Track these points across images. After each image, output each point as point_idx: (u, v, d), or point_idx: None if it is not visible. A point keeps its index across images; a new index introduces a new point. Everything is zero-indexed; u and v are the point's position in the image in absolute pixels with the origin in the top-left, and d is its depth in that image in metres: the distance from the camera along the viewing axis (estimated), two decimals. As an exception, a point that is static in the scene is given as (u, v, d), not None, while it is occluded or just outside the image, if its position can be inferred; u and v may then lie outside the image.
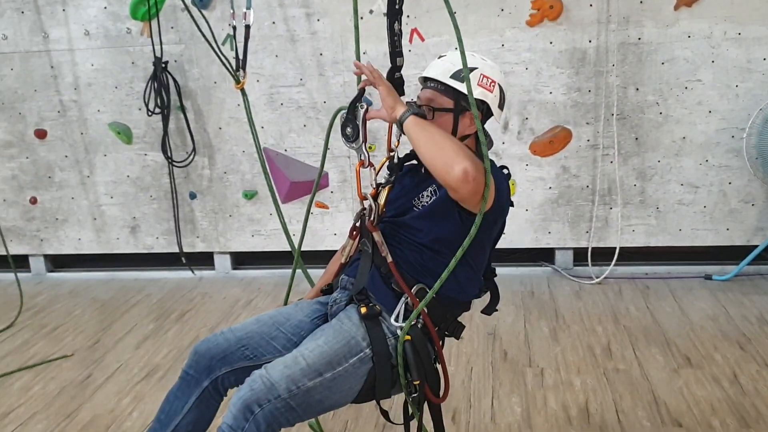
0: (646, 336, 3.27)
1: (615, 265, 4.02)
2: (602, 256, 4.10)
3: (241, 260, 4.65)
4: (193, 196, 4.42)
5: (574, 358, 3.09)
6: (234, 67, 3.29)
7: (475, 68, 1.87)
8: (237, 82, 3.24)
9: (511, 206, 1.92)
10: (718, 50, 3.76)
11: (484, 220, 1.64)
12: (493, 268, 2.06)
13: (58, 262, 4.82)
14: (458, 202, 1.74)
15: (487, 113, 1.93)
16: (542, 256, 4.29)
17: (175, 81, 4.19)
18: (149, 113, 4.20)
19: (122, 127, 4.36)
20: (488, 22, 3.88)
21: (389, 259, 1.82)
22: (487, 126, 1.97)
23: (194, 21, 3.42)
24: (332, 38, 4.04)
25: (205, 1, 4.04)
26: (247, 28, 3.43)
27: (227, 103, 4.22)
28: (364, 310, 1.79)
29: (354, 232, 1.97)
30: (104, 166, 4.44)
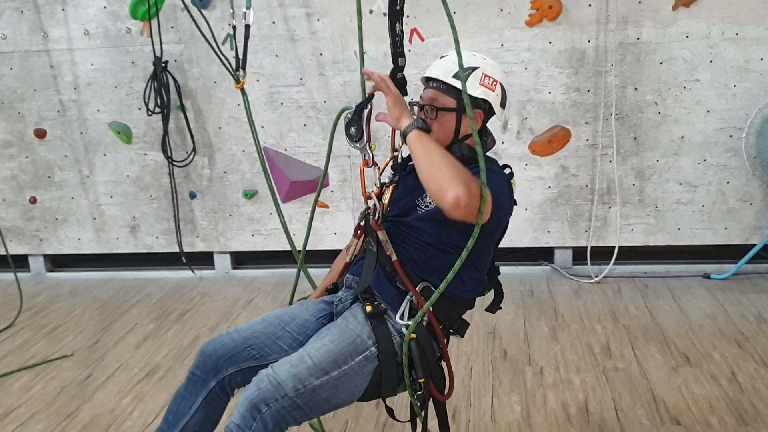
0: (645, 335, 3.29)
1: (614, 264, 4.04)
2: (601, 255, 4.11)
3: (241, 260, 4.65)
4: (193, 195, 4.42)
5: (573, 356, 3.10)
6: (234, 67, 3.29)
7: (477, 68, 1.88)
8: (237, 81, 3.24)
9: (515, 204, 1.93)
10: (717, 50, 3.77)
11: (484, 228, 1.65)
12: (497, 266, 2.07)
13: (58, 262, 4.81)
14: None
15: (489, 112, 1.94)
16: (541, 255, 4.30)
17: (175, 81, 4.19)
18: (149, 113, 4.20)
19: (122, 126, 4.36)
20: (487, 22, 3.90)
21: (394, 257, 1.83)
22: (488, 125, 1.99)
23: (194, 21, 3.42)
24: (332, 38, 4.04)
25: (205, 1, 4.04)
26: (247, 27, 3.43)
27: (227, 103, 4.22)
28: (369, 308, 1.80)
29: (358, 232, 1.98)
30: (104, 165, 4.44)
